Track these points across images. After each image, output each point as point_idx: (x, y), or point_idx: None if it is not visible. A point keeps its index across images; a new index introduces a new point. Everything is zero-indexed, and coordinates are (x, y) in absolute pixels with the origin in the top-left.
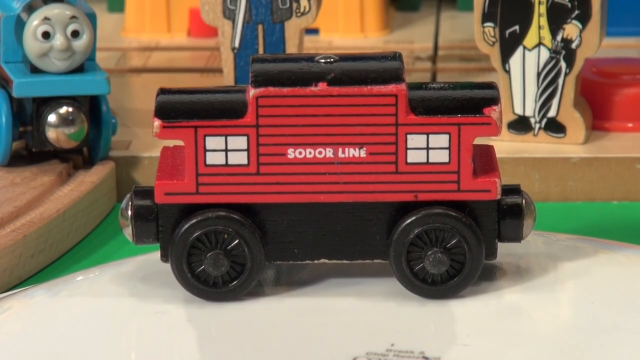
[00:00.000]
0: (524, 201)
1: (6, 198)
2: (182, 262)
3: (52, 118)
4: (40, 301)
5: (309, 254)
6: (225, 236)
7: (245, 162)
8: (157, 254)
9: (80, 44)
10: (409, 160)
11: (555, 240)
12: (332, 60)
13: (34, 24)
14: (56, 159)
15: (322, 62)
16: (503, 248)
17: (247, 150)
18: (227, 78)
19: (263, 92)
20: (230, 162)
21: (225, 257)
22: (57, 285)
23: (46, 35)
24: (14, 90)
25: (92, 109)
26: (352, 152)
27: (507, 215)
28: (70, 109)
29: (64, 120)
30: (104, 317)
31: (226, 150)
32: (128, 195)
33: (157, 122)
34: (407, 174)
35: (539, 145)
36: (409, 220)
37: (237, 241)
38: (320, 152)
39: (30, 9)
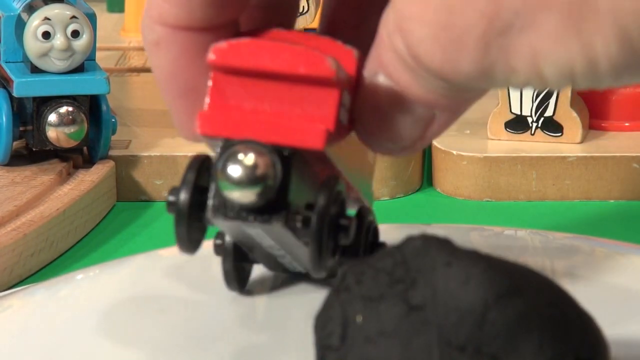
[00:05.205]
0: None
1: (6, 197)
2: None
3: (52, 117)
4: (40, 300)
5: None
6: None
7: None
8: (157, 253)
9: (80, 43)
10: None
11: (552, 239)
12: None
13: (35, 24)
14: (56, 158)
15: None
16: (499, 247)
17: None
18: None
19: None
20: None
21: None
22: (57, 283)
23: (46, 35)
24: (14, 90)
25: (92, 108)
26: None
27: None
28: (70, 109)
29: (64, 120)
30: (104, 316)
31: None
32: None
33: None
34: None
35: (536, 145)
36: None
37: None
38: None
39: (30, 9)
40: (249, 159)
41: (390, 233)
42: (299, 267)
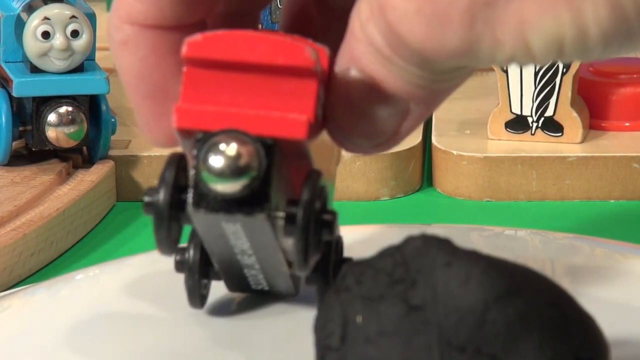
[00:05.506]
0: None
1: (6, 197)
2: None
3: (52, 117)
4: (40, 300)
5: None
6: None
7: None
8: (157, 253)
9: (79, 43)
10: None
11: (553, 239)
12: None
13: (34, 23)
14: (56, 158)
15: None
16: (499, 247)
17: None
18: None
19: None
20: None
21: None
22: (56, 284)
23: (46, 35)
24: (14, 90)
25: (91, 108)
26: None
27: None
28: (70, 109)
29: (64, 120)
30: (104, 316)
31: None
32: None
33: None
34: None
35: (536, 144)
36: None
37: None
38: None
39: (30, 8)
40: (231, 148)
41: (390, 233)
42: (264, 282)
